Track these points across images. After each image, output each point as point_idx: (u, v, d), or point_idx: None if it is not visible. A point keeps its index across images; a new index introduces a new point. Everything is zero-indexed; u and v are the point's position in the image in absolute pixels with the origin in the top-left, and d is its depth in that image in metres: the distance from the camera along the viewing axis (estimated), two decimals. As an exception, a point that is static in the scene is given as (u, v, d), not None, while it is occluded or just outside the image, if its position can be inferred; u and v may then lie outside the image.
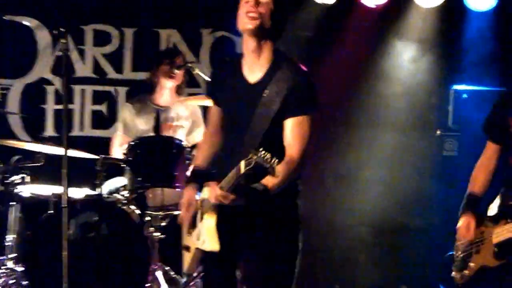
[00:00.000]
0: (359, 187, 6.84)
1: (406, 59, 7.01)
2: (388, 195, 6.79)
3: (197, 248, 3.83)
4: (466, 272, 4.45)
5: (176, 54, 6.09)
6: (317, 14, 7.00)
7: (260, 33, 3.72)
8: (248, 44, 3.76)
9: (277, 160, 3.34)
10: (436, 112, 6.63)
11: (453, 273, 4.55)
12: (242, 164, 3.42)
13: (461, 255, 4.50)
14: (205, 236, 3.73)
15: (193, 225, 3.92)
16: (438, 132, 6.39)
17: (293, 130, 3.70)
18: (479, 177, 4.51)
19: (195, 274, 5.84)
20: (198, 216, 3.88)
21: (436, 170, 6.39)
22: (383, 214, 6.80)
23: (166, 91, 6.00)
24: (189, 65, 5.99)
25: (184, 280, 5.68)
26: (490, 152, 4.51)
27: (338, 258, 6.89)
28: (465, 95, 6.33)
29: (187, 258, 3.98)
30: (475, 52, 6.64)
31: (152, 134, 5.73)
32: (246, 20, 3.69)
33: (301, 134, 3.69)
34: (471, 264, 4.43)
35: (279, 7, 3.71)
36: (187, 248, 3.96)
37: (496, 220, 4.33)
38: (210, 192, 3.69)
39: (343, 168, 6.91)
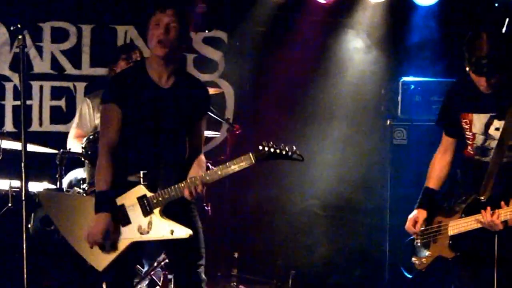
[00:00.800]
0: (313, 173, 6.94)
1: (357, 53, 7.15)
2: (340, 181, 6.93)
3: (133, 242, 4.01)
4: (423, 260, 4.52)
5: (133, 49, 6.14)
6: (270, 10, 7.12)
7: (170, 57, 4.04)
8: (157, 59, 4.05)
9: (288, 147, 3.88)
10: (386, 103, 6.70)
11: (413, 258, 4.61)
12: (252, 155, 3.85)
13: (420, 243, 4.56)
14: (172, 227, 3.97)
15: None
16: (388, 121, 6.43)
17: (202, 131, 4.24)
18: (435, 171, 4.57)
19: (155, 264, 6.00)
20: (136, 212, 4.03)
21: (387, 157, 6.46)
22: (336, 198, 6.95)
23: None
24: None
25: (145, 269, 5.80)
26: (445, 145, 4.58)
27: (293, 232, 7.07)
28: (412, 86, 6.39)
29: (108, 256, 4.05)
30: (422, 45, 6.78)
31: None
32: (157, 47, 3.99)
33: (203, 132, 4.27)
34: (428, 253, 4.50)
35: (185, 27, 4.04)
36: (113, 246, 4.03)
37: (452, 212, 4.39)
38: (189, 189, 3.93)
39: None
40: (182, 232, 3.96)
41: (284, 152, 3.90)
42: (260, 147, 3.88)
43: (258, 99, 7.38)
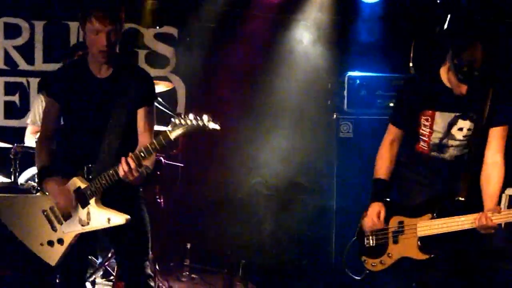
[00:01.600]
0: (263, 164, 7.06)
1: (305, 48, 7.25)
2: (289, 173, 7.02)
3: (77, 235, 4.03)
4: (383, 260, 4.40)
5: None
6: (221, 6, 7.20)
7: (111, 58, 4.03)
8: (98, 60, 4.03)
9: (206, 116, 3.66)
10: (333, 97, 6.77)
11: (364, 258, 4.51)
12: (170, 131, 3.69)
13: (375, 243, 4.45)
14: (109, 215, 3.97)
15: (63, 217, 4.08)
16: (335, 115, 6.48)
17: (146, 121, 4.11)
18: (385, 162, 4.48)
19: (110, 255, 6.10)
20: (74, 204, 4.04)
21: (333, 150, 6.51)
22: (283, 183, 7.05)
23: None
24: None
25: (99, 260, 5.90)
26: (393, 136, 4.50)
27: (243, 220, 7.13)
28: (358, 81, 6.44)
29: (57, 251, 4.09)
30: (367, 41, 6.90)
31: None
32: (99, 56, 3.98)
33: (152, 122, 4.16)
34: (390, 254, 4.37)
35: (121, 25, 4.01)
36: (60, 241, 4.08)
37: (419, 212, 4.28)
38: (122, 166, 3.84)
39: (250, 148, 7.12)
40: (119, 219, 3.95)
41: (200, 124, 3.67)
42: (176, 122, 3.72)
43: (209, 94, 7.44)
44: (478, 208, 4.12)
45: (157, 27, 7.45)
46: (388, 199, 4.47)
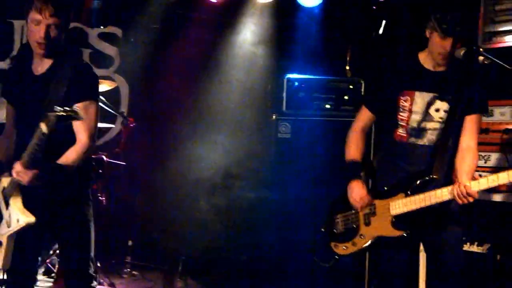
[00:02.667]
0: (203, 162, 7.09)
1: (245, 50, 7.34)
2: (228, 173, 7.10)
3: (9, 236, 3.91)
4: (354, 241, 4.41)
5: None
6: (165, 7, 7.26)
7: (49, 51, 3.95)
8: (36, 52, 3.99)
9: (75, 107, 3.59)
10: (272, 98, 6.87)
11: (334, 243, 4.50)
12: (43, 124, 3.58)
13: (344, 227, 4.47)
14: (18, 216, 3.86)
15: None
16: (274, 116, 6.48)
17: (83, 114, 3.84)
18: (356, 146, 4.49)
19: (51, 252, 6.14)
20: (2, 206, 4.01)
21: (272, 150, 6.53)
22: (224, 188, 7.11)
23: None
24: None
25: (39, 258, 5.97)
26: (365, 121, 4.52)
27: (184, 220, 7.20)
28: (296, 83, 6.46)
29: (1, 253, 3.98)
30: (305, 44, 6.97)
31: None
32: (36, 48, 3.92)
33: (88, 118, 3.97)
34: (363, 235, 4.37)
35: (66, 21, 3.96)
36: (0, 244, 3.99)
37: (391, 192, 4.29)
38: (14, 170, 3.78)
39: (191, 147, 7.17)
40: (25, 219, 3.82)
41: (65, 114, 3.55)
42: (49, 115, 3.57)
43: (152, 93, 7.52)
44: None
45: (102, 27, 7.49)
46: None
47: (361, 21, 6.96)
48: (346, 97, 6.39)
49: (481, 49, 4.14)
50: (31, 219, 3.83)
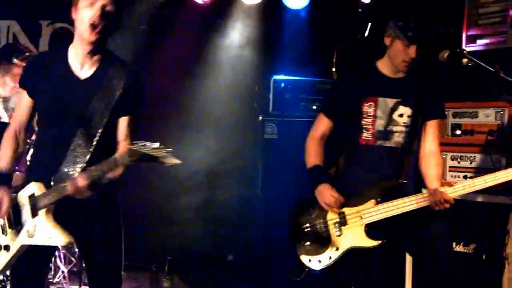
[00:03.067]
0: (190, 163, 7.04)
1: (232, 52, 7.34)
2: (215, 172, 7.15)
3: (23, 246, 3.68)
4: (330, 255, 4.30)
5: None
6: (151, 8, 7.24)
7: (100, 44, 3.62)
8: (83, 46, 3.60)
9: (163, 147, 3.26)
10: (259, 100, 6.84)
11: (306, 257, 4.40)
12: (124, 156, 3.30)
13: (316, 238, 4.37)
14: (52, 233, 3.57)
15: (14, 223, 3.73)
16: (260, 117, 6.52)
17: (128, 127, 3.71)
18: (316, 153, 4.47)
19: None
20: (27, 212, 3.68)
21: (258, 151, 6.57)
22: (210, 187, 7.17)
23: (6, 81, 5.72)
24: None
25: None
26: (323, 130, 4.50)
27: (169, 219, 7.23)
28: (283, 84, 6.51)
29: (2, 257, 3.75)
30: (292, 46, 6.98)
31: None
32: (88, 31, 3.53)
33: (133, 131, 3.72)
34: (336, 247, 4.29)
35: (121, 10, 3.61)
36: (7, 248, 3.74)
37: (361, 199, 4.26)
38: (71, 184, 3.46)
39: (178, 147, 7.03)
40: (59, 240, 3.56)
41: (154, 154, 3.26)
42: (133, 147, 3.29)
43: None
44: (418, 192, 4.24)
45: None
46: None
47: (347, 23, 6.99)
48: (332, 99, 6.41)
49: (464, 52, 4.19)
50: (70, 239, 3.58)
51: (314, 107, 6.44)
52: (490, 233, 4.95)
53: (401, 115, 4.34)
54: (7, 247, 3.74)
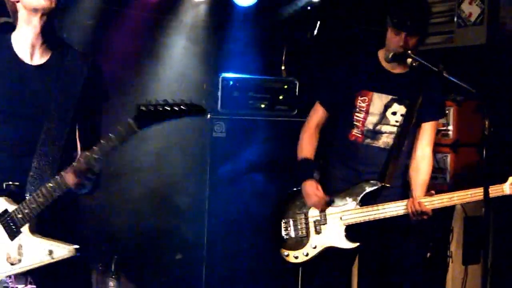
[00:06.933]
0: (137, 162, 6.99)
1: (180, 49, 7.27)
2: (163, 170, 7.07)
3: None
4: (306, 251, 4.36)
5: None
6: (99, 3, 7.09)
7: (50, 13, 3.36)
8: (32, 24, 3.34)
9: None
10: (207, 97, 6.79)
11: (284, 251, 4.45)
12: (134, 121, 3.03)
13: (295, 234, 4.40)
14: (50, 247, 3.22)
15: None
16: (209, 115, 6.47)
17: (100, 117, 3.55)
18: (309, 145, 4.47)
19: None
20: (3, 234, 3.24)
21: (207, 150, 6.53)
22: (158, 183, 7.05)
23: None
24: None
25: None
26: (318, 120, 4.51)
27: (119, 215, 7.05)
28: (231, 82, 6.48)
29: None
30: (240, 43, 6.97)
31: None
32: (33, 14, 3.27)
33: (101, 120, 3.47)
34: (314, 245, 4.33)
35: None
36: None
37: (339, 201, 4.30)
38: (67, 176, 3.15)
39: (124, 146, 7.04)
40: (64, 250, 3.18)
41: (175, 108, 2.99)
42: (143, 108, 3.05)
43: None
44: (406, 196, 4.24)
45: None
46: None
47: (297, 21, 7.00)
48: (281, 97, 6.42)
49: (409, 51, 4.18)
50: (74, 247, 3.25)
51: (263, 106, 6.44)
52: (434, 232, 4.97)
53: (394, 113, 4.32)
54: None
